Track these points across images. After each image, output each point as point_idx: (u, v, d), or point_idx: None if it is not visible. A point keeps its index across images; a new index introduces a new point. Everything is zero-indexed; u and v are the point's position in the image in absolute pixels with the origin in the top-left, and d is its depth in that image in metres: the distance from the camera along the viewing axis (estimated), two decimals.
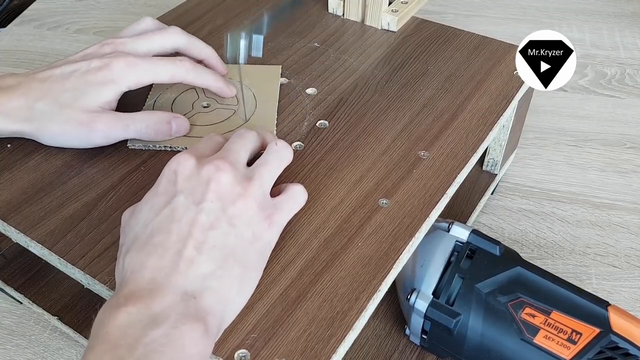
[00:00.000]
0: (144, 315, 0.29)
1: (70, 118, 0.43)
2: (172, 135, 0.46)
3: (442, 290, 0.45)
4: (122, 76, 0.44)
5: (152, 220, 0.34)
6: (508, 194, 0.66)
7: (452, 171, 0.44)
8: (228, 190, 0.35)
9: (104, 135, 0.44)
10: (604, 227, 0.62)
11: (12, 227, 0.40)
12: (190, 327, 0.30)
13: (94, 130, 0.43)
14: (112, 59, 0.44)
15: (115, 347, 0.28)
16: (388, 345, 0.50)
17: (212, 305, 0.32)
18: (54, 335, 0.53)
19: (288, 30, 0.59)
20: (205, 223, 0.33)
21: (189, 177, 0.35)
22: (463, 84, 0.52)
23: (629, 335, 0.41)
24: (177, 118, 0.46)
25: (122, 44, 0.46)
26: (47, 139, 0.45)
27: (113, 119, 0.44)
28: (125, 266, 0.33)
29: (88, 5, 0.97)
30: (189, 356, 0.29)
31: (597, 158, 0.71)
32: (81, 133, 0.43)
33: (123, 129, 0.44)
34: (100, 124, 0.43)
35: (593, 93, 0.80)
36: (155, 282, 0.31)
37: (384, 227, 0.40)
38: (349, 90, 0.51)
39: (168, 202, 0.34)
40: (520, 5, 0.98)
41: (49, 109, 0.43)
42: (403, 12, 0.59)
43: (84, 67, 0.44)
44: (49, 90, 0.43)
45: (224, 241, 0.33)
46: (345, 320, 0.35)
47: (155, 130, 0.45)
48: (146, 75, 0.44)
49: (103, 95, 0.43)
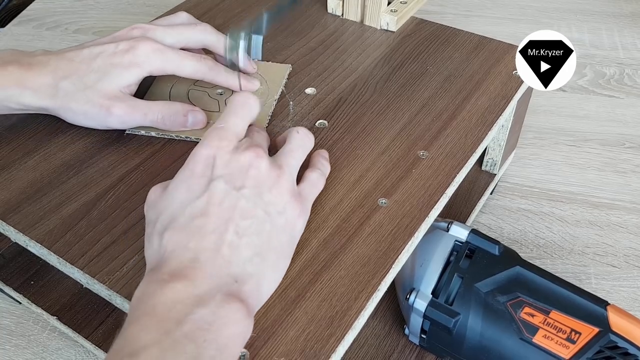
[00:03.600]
0: (191, 293, 0.30)
1: (91, 99, 0.44)
2: (187, 127, 0.46)
3: (441, 289, 0.45)
4: (147, 61, 0.45)
5: (191, 202, 0.34)
6: (507, 194, 0.66)
7: (451, 171, 0.44)
8: (265, 177, 0.35)
9: (121, 121, 0.45)
10: (603, 227, 0.63)
11: (11, 227, 0.40)
12: (235, 307, 0.31)
13: (112, 115, 0.45)
14: (139, 43, 0.45)
15: (162, 321, 0.29)
16: (387, 345, 0.50)
17: (251, 290, 0.33)
18: (53, 335, 0.53)
19: (287, 30, 0.59)
20: (245, 209, 0.34)
21: (229, 161, 0.35)
22: (462, 83, 0.52)
23: (628, 334, 0.41)
24: (194, 111, 0.46)
25: (152, 31, 0.46)
26: (69, 117, 0.46)
27: (132, 106, 0.45)
28: (164, 244, 0.33)
29: (87, 5, 0.97)
30: (233, 335, 0.30)
31: (596, 158, 0.71)
32: (99, 116, 0.45)
33: (141, 117, 0.45)
34: (118, 110, 0.44)
35: (592, 93, 0.80)
36: (199, 263, 0.32)
37: (383, 226, 0.40)
38: (348, 90, 0.51)
39: (207, 185, 0.34)
40: (520, 5, 0.98)
41: (73, 88, 0.44)
42: (402, 12, 0.59)
43: (112, 48, 0.45)
44: (76, 69, 0.44)
45: (260, 227, 0.34)
46: (344, 320, 0.35)
47: (172, 121, 0.46)
48: (170, 64, 0.45)
49: (125, 78, 0.44)
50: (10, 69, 0.43)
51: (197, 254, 0.32)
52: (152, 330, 0.29)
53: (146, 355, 0.27)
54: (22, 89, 0.44)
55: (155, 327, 0.29)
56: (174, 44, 0.47)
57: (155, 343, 0.28)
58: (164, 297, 0.30)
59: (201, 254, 0.32)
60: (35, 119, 0.49)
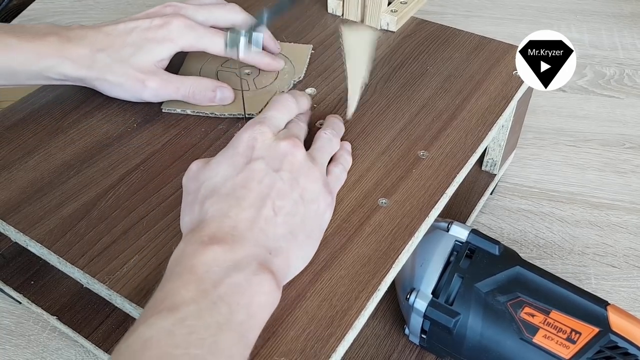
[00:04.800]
0: (229, 257, 0.32)
1: (126, 72, 0.46)
2: (216, 102, 0.48)
3: (441, 289, 0.45)
4: (179, 36, 0.47)
5: (233, 177, 0.36)
6: (507, 194, 0.66)
7: (451, 171, 0.44)
8: (300, 165, 0.38)
9: (155, 94, 0.48)
10: (603, 227, 0.63)
11: (12, 227, 0.40)
12: (267, 277, 0.32)
13: (147, 88, 0.47)
14: (173, 19, 0.47)
15: (200, 280, 0.30)
16: (387, 345, 0.50)
17: (282, 264, 0.34)
18: (53, 335, 0.53)
19: (287, 30, 0.59)
20: (282, 189, 0.36)
21: (269, 146, 0.38)
22: (462, 84, 0.52)
23: (628, 334, 0.41)
24: (222, 87, 0.49)
25: (184, 9, 0.49)
26: (105, 88, 0.48)
27: (165, 80, 0.47)
28: (205, 210, 0.35)
29: (87, 5, 0.97)
30: (262, 303, 0.32)
31: (596, 158, 0.71)
32: (135, 88, 0.47)
33: (174, 90, 0.47)
34: (153, 82, 0.47)
35: (592, 93, 0.80)
36: (238, 231, 0.33)
37: (384, 226, 0.40)
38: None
39: (247, 163, 0.37)
40: (519, 5, 0.98)
41: (109, 61, 0.46)
42: (402, 13, 0.59)
43: (146, 24, 0.47)
44: (112, 43, 0.46)
45: (295, 209, 0.36)
46: (344, 320, 0.35)
47: (202, 96, 0.48)
48: (202, 40, 0.47)
49: (159, 52, 0.47)
50: (50, 40, 0.45)
51: (237, 222, 0.34)
52: (190, 289, 0.30)
53: (185, 311, 0.29)
54: (61, 59, 0.45)
55: (194, 285, 0.30)
56: (204, 22, 0.49)
57: (193, 301, 0.29)
58: (204, 257, 0.31)
59: (240, 223, 0.34)
60: (35, 119, 0.49)
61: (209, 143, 0.46)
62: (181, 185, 0.40)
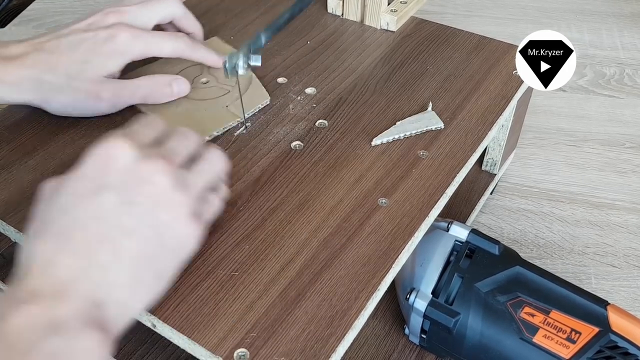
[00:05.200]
0: (46, 318, 0.28)
1: (78, 88, 0.45)
2: (174, 96, 0.48)
3: (441, 289, 0.45)
4: (128, 49, 0.46)
5: (71, 209, 0.31)
6: (507, 194, 0.66)
7: (451, 171, 0.44)
8: (163, 195, 0.32)
9: (111, 104, 0.46)
10: (603, 227, 0.63)
11: (11, 227, 0.40)
12: (90, 337, 0.28)
13: (102, 100, 0.45)
14: (119, 31, 0.45)
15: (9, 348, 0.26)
16: (387, 345, 0.50)
17: (116, 317, 0.30)
18: None
19: (287, 30, 0.58)
20: (130, 227, 0.31)
21: (125, 170, 0.32)
22: (462, 83, 0.52)
23: (628, 334, 0.41)
24: (177, 79, 0.48)
25: (126, 14, 0.47)
26: (55, 108, 0.46)
27: (119, 87, 0.46)
28: (33, 253, 0.30)
29: (87, 5, 0.97)
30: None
31: (596, 158, 0.71)
32: (89, 103, 0.45)
33: (129, 96, 0.46)
34: (107, 93, 0.45)
35: (592, 93, 0.80)
36: (63, 284, 0.29)
37: (383, 226, 0.40)
38: (348, 90, 0.51)
39: (94, 193, 0.31)
40: (520, 5, 0.98)
41: (58, 81, 0.44)
42: (402, 12, 0.59)
43: (91, 37, 0.45)
44: (57, 62, 0.44)
45: (144, 249, 0.31)
46: (344, 320, 0.35)
47: (159, 94, 0.47)
48: (151, 47, 0.46)
49: (109, 66, 0.45)
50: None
51: (63, 273, 0.29)
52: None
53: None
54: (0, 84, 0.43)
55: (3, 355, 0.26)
56: (149, 22, 0.48)
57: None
58: (16, 320, 0.27)
59: (67, 274, 0.29)
60: (35, 118, 0.49)
61: (209, 143, 0.46)
62: None
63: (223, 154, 0.38)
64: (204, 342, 0.33)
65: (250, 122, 0.48)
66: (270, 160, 0.45)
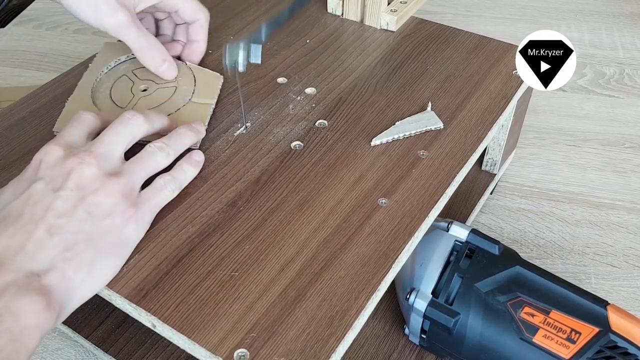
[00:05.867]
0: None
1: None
2: (161, 72, 0.49)
3: (441, 289, 0.45)
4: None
5: (10, 202, 0.36)
6: (507, 194, 0.66)
7: (451, 171, 0.44)
8: (90, 181, 0.36)
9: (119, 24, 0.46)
10: (603, 227, 0.63)
11: None
12: (30, 300, 0.31)
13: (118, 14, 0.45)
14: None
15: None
16: (387, 345, 0.50)
17: (56, 284, 0.33)
18: (52, 335, 0.53)
19: (287, 30, 0.58)
20: (61, 209, 0.35)
21: (53, 166, 0.36)
22: (462, 83, 0.52)
23: (628, 334, 0.41)
24: (172, 61, 0.49)
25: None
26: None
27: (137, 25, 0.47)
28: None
29: None
30: (27, 327, 0.31)
31: (596, 158, 0.71)
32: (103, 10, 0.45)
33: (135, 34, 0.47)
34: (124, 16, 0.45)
35: (592, 93, 0.80)
36: (1, 259, 0.32)
37: (383, 226, 0.40)
38: (348, 90, 0.51)
39: (27, 187, 0.36)
40: (519, 5, 0.98)
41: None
42: (402, 12, 0.59)
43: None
44: None
45: (78, 227, 0.35)
46: (344, 320, 0.35)
47: (152, 57, 0.48)
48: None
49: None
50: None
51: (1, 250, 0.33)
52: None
53: None
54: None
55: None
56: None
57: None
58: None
59: (5, 251, 0.33)
60: (35, 118, 0.49)
61: (209, 143, 0.46)
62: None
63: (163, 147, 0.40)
64: (204, 343, 0.33)
65: (250, 122, 0.48)
66: (270, 160, 0.45)
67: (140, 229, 0.38)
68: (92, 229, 0.35)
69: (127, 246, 0.37)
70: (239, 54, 0.43)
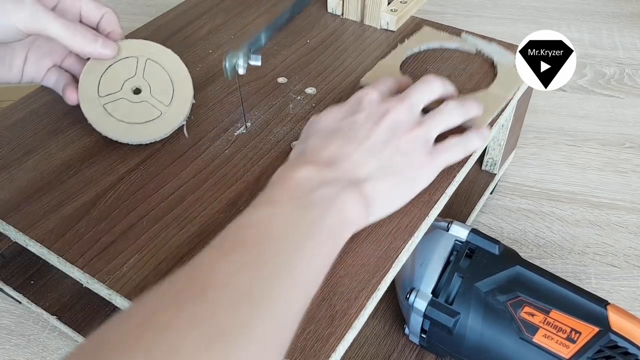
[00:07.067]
0: (320, 176, 0.36)
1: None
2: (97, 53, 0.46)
3: (441, 289, 0.45)
4: None
5: (334, 124, 0.41)
6: (507, 194, 0.66)
7: (451, 170, 0.44)
8: (400, 123, 0.40)
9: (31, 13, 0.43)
10: (603, 227, 0.63)
11: (11, 226, 0.40)
12: (353, 195, 0.36)
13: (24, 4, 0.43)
14: None
15: (295, 187, 0.35)
16: (387, 345, 0.50)
17: (370, 192, 0.37)
18: (53, 335, 0.53)
19: (287, 30, 0.58)
20: (378, 137, 0.39)
21: (372, 104, 0.42)
22: (462, 83, 0.52)
23: (628, 334, 0.41)
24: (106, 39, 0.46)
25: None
26: None
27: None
28: (308, 144, 0.40)
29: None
30: (348, 216, 0.35)
31: (596, 158, 0.71)
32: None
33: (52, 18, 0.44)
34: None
35: (592, 93, 0.80)
36: (331, 160, 0.38)
37: (383, 226, 0.40)
38: (348, 90, 0.51)
39: (351, 115, 0.41)
40: (519, 5, 0.98)
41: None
42: (402, 12, 0.59)
43: None
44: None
45: (390, 156, 0.39)
46: (344, 319, 0.35)
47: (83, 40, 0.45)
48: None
49: None
50: None
51: (332, 154, 0.38)
52: (285, 192, 0.35)
53: (281, 207, 0.33)
54: None
55: (288, 190, 0.35)
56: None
57: (288, 200, 0.34)
58: (297, 174, 0.36)
59: (335, 155, 0.38)
60: (35, 118, 0.49)
61: (209, 143, 0.46)
62: (180, 184, 0.42)
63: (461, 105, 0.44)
64: None
65: (251, 121, 0.48)
66: (271, 160, 0.45)
67: (430, 177, 0.41)
68: (399, 161, 0.39)
69: (418, 186, 0.41)
70: (239, 57, 0.43)
